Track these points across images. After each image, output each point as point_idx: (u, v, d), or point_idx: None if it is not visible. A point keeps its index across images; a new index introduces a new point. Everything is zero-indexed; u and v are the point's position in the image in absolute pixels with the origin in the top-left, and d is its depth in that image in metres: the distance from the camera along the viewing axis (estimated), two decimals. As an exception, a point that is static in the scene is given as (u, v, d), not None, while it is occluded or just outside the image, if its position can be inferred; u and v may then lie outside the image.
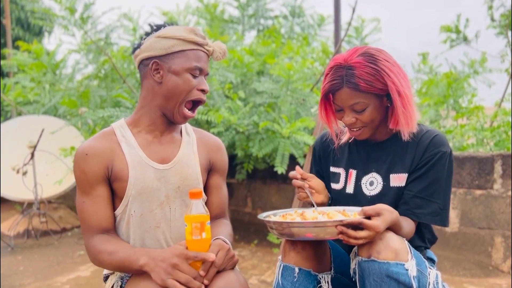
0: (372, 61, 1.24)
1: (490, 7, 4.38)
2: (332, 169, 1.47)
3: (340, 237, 1.09)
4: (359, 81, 1.22)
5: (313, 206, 1.36)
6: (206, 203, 1.40)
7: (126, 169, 1.24)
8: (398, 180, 1.32)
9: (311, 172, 1.56)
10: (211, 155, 1.39)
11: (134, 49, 1.34)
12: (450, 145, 3.42)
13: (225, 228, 1.35)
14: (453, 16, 4.46)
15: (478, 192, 2.82)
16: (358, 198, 1.37)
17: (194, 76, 1.26)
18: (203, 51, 1.29)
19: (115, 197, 1.27)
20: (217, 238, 1.20)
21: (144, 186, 1.25)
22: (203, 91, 1.29)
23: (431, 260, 1.41)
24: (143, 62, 1.30)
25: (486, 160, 2.79)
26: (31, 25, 6.84)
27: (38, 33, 7.12)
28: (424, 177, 1.28)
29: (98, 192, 1.23)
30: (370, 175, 1.37)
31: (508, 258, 2.73)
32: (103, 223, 1.24)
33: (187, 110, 1.28)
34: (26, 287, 2.61)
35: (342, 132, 1.47)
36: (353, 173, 1.40)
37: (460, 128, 3.38)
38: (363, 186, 1.38)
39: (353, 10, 3.14)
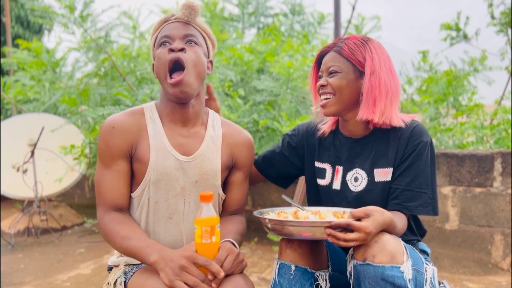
0: (364, 39, 1.35)
1: (490, 5, 4.38)
2: (317, 164, 1.47)
3: (330, 239, 1.09)
4: (344, 47, 1.33)
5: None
6: (225, 199, 1.39)
7: (148, 152, 1.23)
8: (383, 174, 1.33)
9: (275, 147, 1.58)
10: (235, 151, 1.37)
11: None
12: (450, 142, 3.42)
13: (237, 226, 1.34)
14: (453, 14, 4.46)
15: (478, 189, 2.82)
16: (344, 194, 1.38)
17: (166, 44, 1.24)
18: (172, 22, 1.27)
19: (133, 180, 1.27)
20: (226, 240, 1.19)
21: (163, 173, 1.24)
22: (172, 50, 1.21)
23: (424, 253, 1.41)
24: None
25: (486, 158, 2.79)
26: (31, 23, 6.84)
27: (38, 31, 7.11)
28: (410, 169, 1.29)
29: (118, 167, 1.23)
30: (354, 171, 1.38)
31: (507, 255, 2.73)
32: (118, 199, 1.24)
33: (169, 79, 1.22)
34: (26, 285, 2.62)
35: (323, 121, 1.49)
36: (339, 169, 1.41)
37: (460, 126, 3.38)
38: (348, 182, 1.38)
39: (353, 8, 3.14)
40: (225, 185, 1.38)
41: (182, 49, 1.21)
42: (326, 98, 1.34)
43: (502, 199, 2.75)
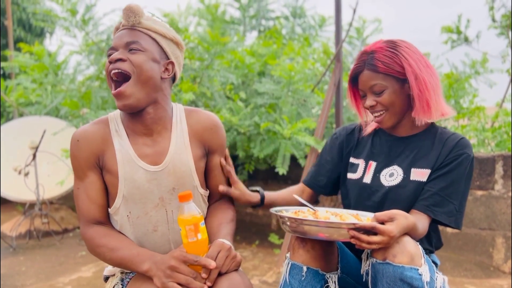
0: (392, 47, 1.31)
1: (491, 8, 4.38)
2: (352, 160, 1.47)
3: (353, 241, 1.10)
4: (378, 63, 1.29)
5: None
6: (207, 185, 1.36)
7: (115, 164, 1.21)
8: (420, 174, 1.33)
9: (317, 160, 1.56)
10: (204, 137, 1.32)
11: None
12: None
13: (226, 214, 1.33)
14: (453, 16, 4.47)
15: (479, 192, 2.82)
16: (374, 188, 1.38)
17: (110, 56, 1.19)
18: (120, 31, 1.23)
19: (109, 194, 1.25)
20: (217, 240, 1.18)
21: (134, 186, 1.21)
22: (110, 62, 1.18)
23: (435, 264, 1.41)
24: None
25: (487, 161, 2.79)
26: (33, 27, 6.86)
27: (40, 34, 7.13)
28: (446, 176, 1.30)
29: (90, 179, 1.22)
30: (391, 168, 1.38)
31: (509, 258, 2.73)
32: (96, 211, 1.23)
33: (113, 90, 1.19)
34: (28, 287, 2.62)
35: (368, 123, 1.49)
36: (372, 164, 1.41)
37: (461, 129, 3.38)
38: (382, 177, 1.38)
39: (354, 11, 3.14)
40: (205, 173, 1.34)
41: (120, 60, 1.17)
42: (380, 115, 1.34)
43: (504, 201, 2.74)
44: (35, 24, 6.52)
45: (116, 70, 1.17)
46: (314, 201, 1.59)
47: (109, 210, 1.26)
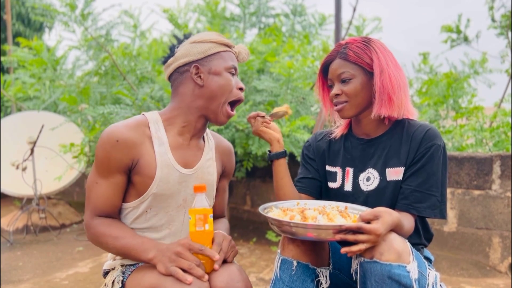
0: (366, 41, 1.36)
1: (491, 8, 4.39)
2: (328, 168, 1.48)
3: (342, 242, 1.10)
4: (349, 52, 1.34)
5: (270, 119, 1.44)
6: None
7: (154, 167, 1.23)
8: (395, 174, 1.34)
9: (301, 170, 1.57)
10: (224, 159, 1.44)
11: (166, 59, 1.35)
12: (449, 144, 3.42)
13: (222, 225, 1.41)
14: (453, 16, 4.47)
15: (477, 192, 2.82)
16: (356, 195, 1.39)
17: (232, 75, 1.31)
18: (232, 53, 1.34)
19: (133, 190, 1.26)
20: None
21: (166, 188, 1.26)
22: (241, 89, 1.34)
23: (428, 260, 1.42)
24: (178, 70, 1.29)
25: (485, 160, 2.80)
26: (32, 21, 6.84)
27: (39, 29, 7.11)
28: (421, 171, 1.30)
29: (114, 180, 1.23)
30: (367, 171, 1.39)
31: (505, 258, 2.74)
32: (109, 208, 1.24)
33: (229, 109, 1.31)
34: (25, 282, 2.62)
35: (335, 126, 1.51)
36: (350, 171, 1.42)
37: (459, 128, 3.39)
38: (360, 183, 1.39)
39: (354, 10, 3.14)
40: None
41: (243, 90, 1.36)
42: (341, 104, 1.36)
43: (501, 201, 2.75)
44: (34, 19, 6.50)
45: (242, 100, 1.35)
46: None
47: (126, 204, 1.27)
